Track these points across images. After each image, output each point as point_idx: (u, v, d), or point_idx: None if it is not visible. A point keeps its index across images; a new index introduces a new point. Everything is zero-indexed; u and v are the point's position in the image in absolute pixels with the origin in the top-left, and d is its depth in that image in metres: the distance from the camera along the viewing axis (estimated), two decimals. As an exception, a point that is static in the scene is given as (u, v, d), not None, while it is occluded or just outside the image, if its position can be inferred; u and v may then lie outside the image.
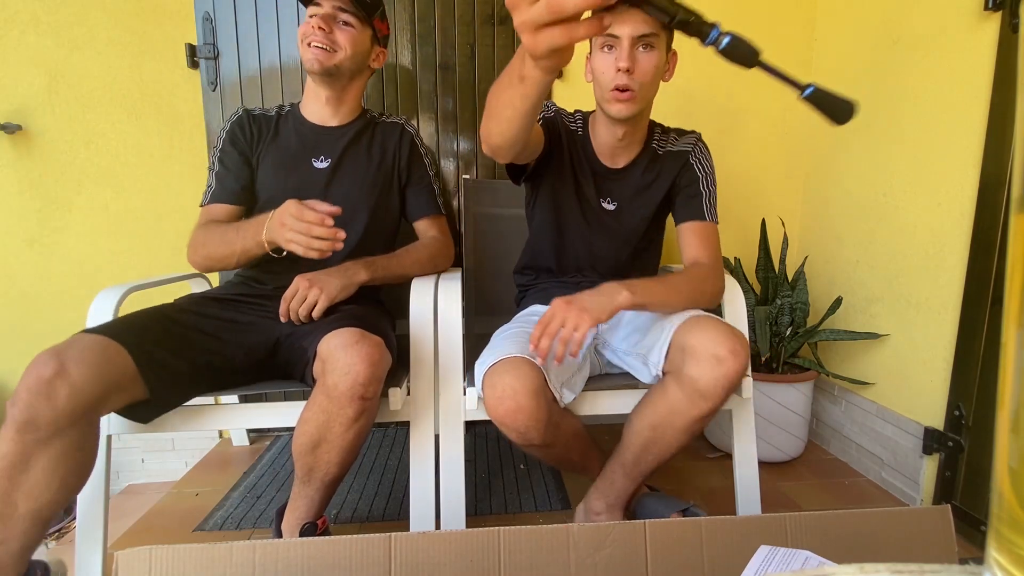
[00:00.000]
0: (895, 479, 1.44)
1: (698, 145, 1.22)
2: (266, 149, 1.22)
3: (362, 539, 0.65)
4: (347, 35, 1.17)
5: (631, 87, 1.03)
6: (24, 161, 1.58)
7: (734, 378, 0.93)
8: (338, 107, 1.25)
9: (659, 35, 1.02)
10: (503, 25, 1.67)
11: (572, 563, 0.66)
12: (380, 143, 1.29)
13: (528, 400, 0.92)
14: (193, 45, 1.60)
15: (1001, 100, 1.17)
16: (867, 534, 0.70)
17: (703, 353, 0.93)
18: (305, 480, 0.98)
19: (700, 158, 1.20)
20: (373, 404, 0.94)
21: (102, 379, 0.83)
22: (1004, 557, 0.21)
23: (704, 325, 0.97)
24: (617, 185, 1.20)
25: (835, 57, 1.71)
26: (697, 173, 1.19)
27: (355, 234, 1.21)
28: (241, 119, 1.23)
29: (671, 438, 1.01)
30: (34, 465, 0.81)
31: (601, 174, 1.20)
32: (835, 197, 1.70)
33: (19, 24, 1.53)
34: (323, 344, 0.95)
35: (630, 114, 1.07)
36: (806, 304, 1.60)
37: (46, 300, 1.64)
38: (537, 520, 1.33)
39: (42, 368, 0.80)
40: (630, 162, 1.20)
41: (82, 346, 0.83)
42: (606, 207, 1.21)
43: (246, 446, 1.76)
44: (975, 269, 1.23)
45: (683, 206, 1.20)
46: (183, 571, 0.63)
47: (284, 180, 1.20)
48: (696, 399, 0.95)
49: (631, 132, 1.15)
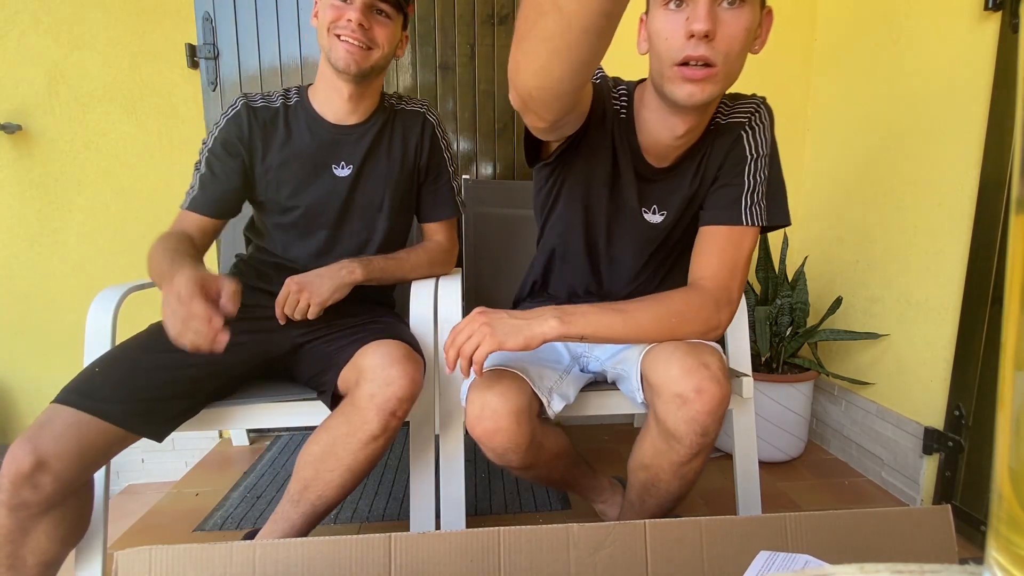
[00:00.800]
0: (895, 479, 1.44)
1: (758, 113, 0.89)
2: (274, 153, 1.08)
3: (362, 539, 0.65)
4: (385, 30, 1.03)
5: (712, 60, 0.72)
6: (24, 161, 1.58)
7: (705, 420, 0.78)
8: (359, 103, 1.10)
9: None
10: (503, 25, 1.67)
11: (572, 563, 0.66)
12: (401, 137, 1.15)
13: (509, 421, 0.84)
14: (193, 45, 1.60)
15: (1001, 100, 1.17)
16: (867, 534, 0.70)
17: (665, 392, 0.80)
18: (295, 500, 0.91)
19: (755, 131, 0.89)
20: (397, 427, 0.89)
21: (84, 459, 0.80)
22: (1004, 557, 0.21)
23: (667, 356, 0.81)
24: (664, 189, 0.92)
25: (835, 57, 1.71)
26: (745, 153, 0.88)
27: (374, 243, 1.15)
28: (239, 115, 1.07)
29: (664, 482, 0.89)
30: (33, 531, 0.82)
31: (644, 175, 0.92)
32: (835, 197, 1.70)
33: (19, 24, 1.53)
34: (365, 354, 0.92)
35: (706, 99, 0.75)
36: (806, 304, 1.60)
37: (46, 300, 1.64)
38: (537, 520, 1.33)
39: (21, 462, 0.76)
40: (680, 157, 0.90)
41: (56, 432, 0.78)
42: (650, 219, 0.93)
43: (246, 446, 1.76)
44: (975, 269, 1.23)
45: (712, 201, 0.91)
46: (183, 571, 0.63)
47: (302, 192, 1.09)
48: (671, 443, 0.83)
49: (696, 127, 0.85)
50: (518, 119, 1.71)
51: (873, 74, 1.54)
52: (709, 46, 0.72)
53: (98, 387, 0.85)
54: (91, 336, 1.01)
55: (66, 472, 0.78)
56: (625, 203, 0.94)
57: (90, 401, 0.83)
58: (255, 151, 1.08)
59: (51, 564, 0.85)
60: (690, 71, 0.73)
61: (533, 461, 0.92)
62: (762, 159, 0.89)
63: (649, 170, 0.92)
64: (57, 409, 0.81)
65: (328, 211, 1.11)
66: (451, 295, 1.12)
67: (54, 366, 1.65)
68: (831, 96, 1.73)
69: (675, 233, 0.96)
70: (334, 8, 0.99)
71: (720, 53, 0.72)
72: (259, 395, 1.05)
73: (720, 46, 0.72)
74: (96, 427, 0.82)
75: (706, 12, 0.70)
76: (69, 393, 0.83)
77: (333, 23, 0.99)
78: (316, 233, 1.12)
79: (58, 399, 0.83)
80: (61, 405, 0.82)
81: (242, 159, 1.08)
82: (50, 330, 1.65)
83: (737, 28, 0.72)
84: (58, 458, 0.77)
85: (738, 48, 0.74)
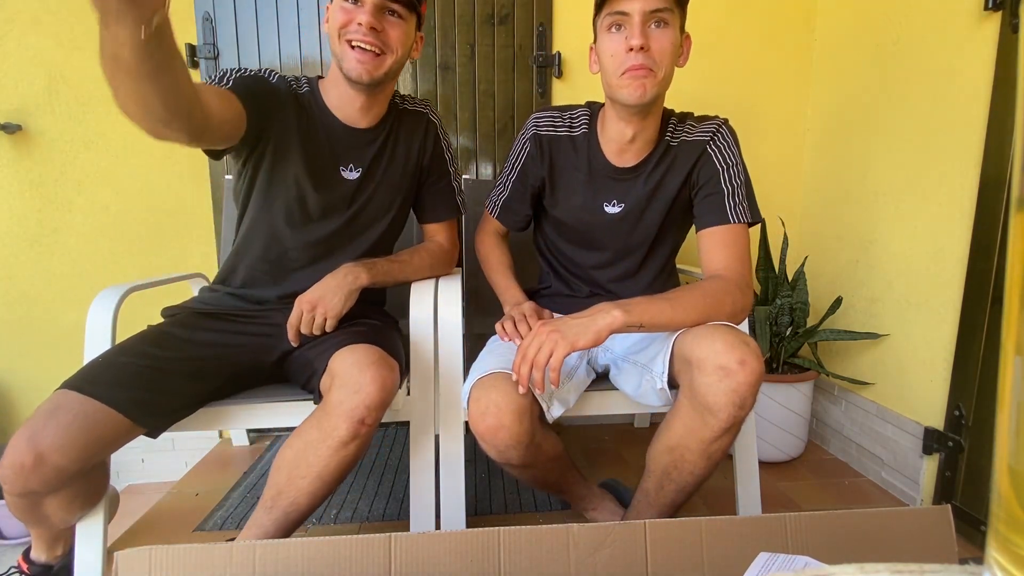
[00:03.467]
0: (895, 479, 1.44)
1: (720, 132, 1.06)
2: (290, 138, 1.03)
3: (362, 539, 0.65)
4: (398, 31, 0.98)
5: (648, 66, 0.92)
6: (24, 161, 1.58)
7: (745, 392, 0.84)
8: (370, 109, 1.07)
9: (673, 10, 0.92)
10: (503, 25, 1.67)
11: (572, 563, 0.66)
12: (405, 141, 1.13)
13: (511, 419, 0.88)
14: (193, 45, 1.60)
15: (1001, 100, 1.17)
16: (867, 534, 0.70)
17: (708, 365, 0.85)
18: (268, 506, 0.90)
19: (721, 147, 1.05)
20: (368, 434, 0.88)
21: (88, 450, 0.81)
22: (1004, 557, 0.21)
23: (708, 333, 0.88)
24: (624, 186, 1.08)
25: (835, 57, 1.71)
26: (717, 166, 1.04)
27: (367, 242, 1.14)
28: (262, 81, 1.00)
29: (690, 463, 0.93)
30: (48, 505, 0.87)
31: (607, 174, 1.09)
32: (835, 197, 1.70)
33: (19, 24, 1.53)
34: (337, 359, 0.91)
35: (649, 96, 0.94)
36: (806, 304, 1.60)
37: (46, 300, 1.64)
38: (537, 520, 1.33)
39: (22, 457, 0.77)
40: (640, 160, 1.07)
41: (59, 424, 0.79)
42: (609, 211, 1.10)
43: (246, 446, 1.76)
44: (975, 269, 1.23)
45: (702, 209, 1.06)
46: (183, 571, 0.63)
47: (311, 190, 1.06)
48: (707, 417, 0.87)
49: (643, 129, 1.02)
50: (518, 119, 1.71)
51: (873, 74, 1.54)
52: (646, 56, 0.92)
53: (101, 375, 0.87)
54: (91, 336, 1.01)
55: (67, 463, 0.79)
56: (586, 200, 1.11)
57: (94, 387, 0.84)
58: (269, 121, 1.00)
59: (69, 521, 0.94)
60: (633, 72, 0.93)
61: (532, 460, 0.95)
62: (733, 168, 1.04)
63: (610, 168, 1.09)
64: (63, 394, 0.83)
65: (333, 213, 1.10)
66: (451, 295, 1.12)
67: (54, 366, 1.65)
68: (831, 96, 1.73)
69: (633, 224, 1.10)
70: (344, 11, 0.95)
71: (654, 61, 0.93)
72: (259, 395, 1.05)
73: (654, 56, 0.93)
74: (100, 415, 0.82)
75: (640, 31, 0.91)
76: (75, 380, 0.85)
77: (344, 28, 0.95)
78: (317, 234, 1.10)
79: (64, 385, 0.84)
80: (67, 390, 0.83)
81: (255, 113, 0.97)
82: (50, 330, 1.65)
83: (665, 42, 0.93)
84: (57, 451, 0.78)
85: (668, 58, 0.94)
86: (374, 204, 1.13)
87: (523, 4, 1.65)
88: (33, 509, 0.87)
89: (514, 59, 1.68)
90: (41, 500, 0.85)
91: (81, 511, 0.94)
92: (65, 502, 0.88)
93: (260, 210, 1.08)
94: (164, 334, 1.00)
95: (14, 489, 0.80)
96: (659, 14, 0.92)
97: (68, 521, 0.94)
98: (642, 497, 1.02)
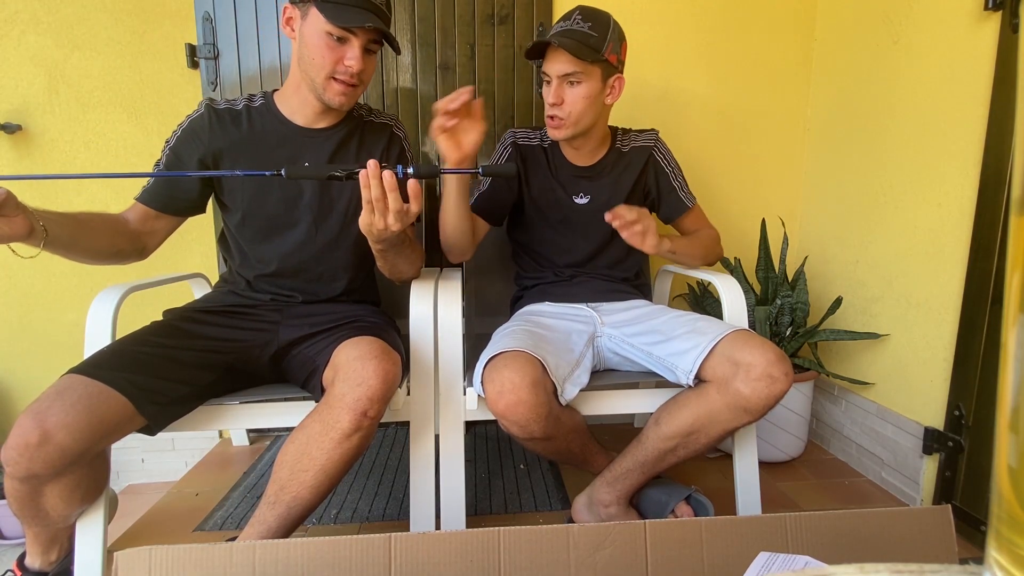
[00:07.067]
0: (895, 479, 1.44)
1: (659, 142, 1.36)
2: (235, 154, 1.08)
3: (362, 539, 0.65)
4: (372, 65, 1.06)
5: (559, 115, 1.18)
6: (24, 161, 1.58)
7: (780, 398, 0.99)
8: (329, 111, 1.11)
9: (585, 71, 1.13)
10: (503, 25, 1.67)
11: (572, 563, 0.66)
12: (368, 149, 1.16)
13: (528, 393, 0.94)
14: (193, 45, 1.60)
15: (1001, 100, 1.17)
16: (867, 534, 0.70)
17: (759, 371, 0.97)
18: (271, 501, 0.90)
19: (664, 154, 1.35)
20: (371, 427, 0.89)
21: (92, 431, 0.81)
22: (1004, 557, 0.21)
23: (758, 343, 1.01)
24: (588, 181, 1.32)
25: (835, 57, 1.71)
26: (666, 170, 1.35)
27: (344, 249, 1.14)
28: (202, 119, 1.08)
29: (702, 444, 1.05)
30: (48, 494, 0.87)
31: (573, 173, 1.32)
32: (835, 197, 1.70)
33: (19, 24, 1.53)
34: (340, 352, 0.92)
35: (562, 137, 1.23)
36: (806, 304, 1.60)
37: (46, 300, 1.64)
38: (537, 520, 1.33)
39: (28, 435, 0.78)
40: (598, 160, 1.33)
41: (66, 404, 0.80)
42: (579, 202, 1.32)
43: (246, 446, 1.76)
44: (975, 269, 1.23)
45: (668, 206, 1.37)
46: (183, 571, 0.63)
47: (262, 193, 1.08)
48: (740, 412, 0.99)
49: (582, 144, 1.29)
50: (518, 119, 1.71)
51: (873, 74, 1.54)
52: (559, 108, 1.18)
53: (106, 361, 0.89)
54: (91, 336, 1.01)
55: (72, 443, 0.80)
56: (559, 195, 1.32)
57: (99, 370, 0.86)
58: (212, 153, 1.08)
59: (68, 518, 0.94)
60: (550, 120, 1.21)
61: (554, 431, 1.02)
62: (675, 168, 1.36)
63: (575, 168, 1.33)
64: (69, 378, 0.84)
65: (292, 211, 1.11)
66: (451, 295, 1.12)
67: (54, 366, 1.64)
68: (831, 96, 1.73)
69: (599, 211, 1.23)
70: (331, 50, 1.00)
71: (565, 111, 1.18)
72: (258, 394, 1.05)
73: (566, 108, 1.17)
74: (104, 396, 0.84)
75: (555, 91, 1.17)
76: (81, 365, 0.87)
77: (333, 68, 1.01)
78: (283, 233, 1.12)
79: (71, 371, 0.86)
80: (73, 374, 0.85)
81: (203, 162, 1.08)
82: (50, 330, 1.65)
83: (576, 97, 1.16)
84: (63, 429, 0.79)
85: (580, 108, 1.17)
86: (334, 206, 1.13)
87: (523, 4, 1.65)
88: (33, 499, 0.86)
89: (514, 59, 1.68)
90: (43, 487, 0.85)
91: (81, 506, 0.93)
92: (66, 491, 0.87)
93: (235, 226, 1.13)
94: (167, 326, 1.03)
95: (18, 471, 0.79)
96: (571, 76, 1.14)
97: (67, 518, 0.93)
98: (636, 465, 1.09)
